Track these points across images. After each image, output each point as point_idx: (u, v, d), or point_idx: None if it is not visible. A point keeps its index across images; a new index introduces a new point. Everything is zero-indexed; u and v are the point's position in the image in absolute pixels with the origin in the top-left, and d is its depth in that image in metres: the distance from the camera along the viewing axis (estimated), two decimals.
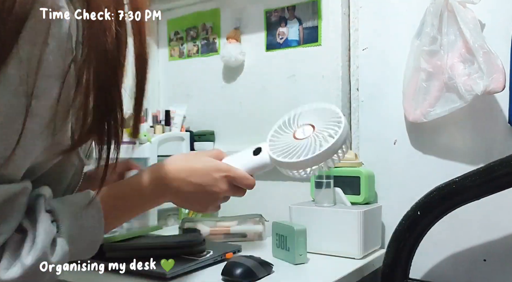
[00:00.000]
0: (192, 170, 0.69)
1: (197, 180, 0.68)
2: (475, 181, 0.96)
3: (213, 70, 1.65)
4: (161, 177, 0.67)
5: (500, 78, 1.07)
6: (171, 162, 0.69)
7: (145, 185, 0.66)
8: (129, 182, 0.67)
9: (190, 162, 0.70)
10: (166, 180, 0.67)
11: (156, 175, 0.67)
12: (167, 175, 0.67)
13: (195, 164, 0.70)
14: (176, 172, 0.68)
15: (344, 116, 0.75)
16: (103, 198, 0.59)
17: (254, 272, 0.94)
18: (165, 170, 0.68)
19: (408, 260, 1.05)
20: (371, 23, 1.34)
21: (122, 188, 0.65)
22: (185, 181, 0.67)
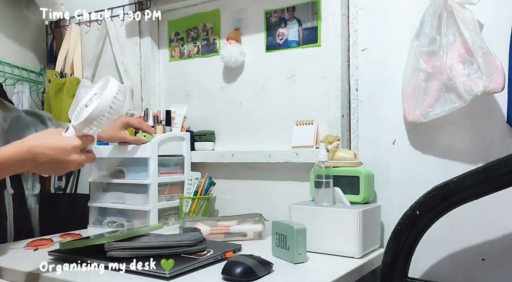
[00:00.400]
0: (48, 145, 0.89)
1: (51, 152, 0.89)
2: (474, 180, 0.97)
3: (213, 70, 1.66)
4: (25, 150, 0.88)
5: (499, 79, 1.08)
6: (32, 139, 0.91)
7: (11, 158, 0.87)
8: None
9: (47, 138, 0.91)
10: (28, 154, 0.88)
11: (21, 150, 0.88)
12: (29, 149, 0.88)
13: (50, 140, 0.90)
14: (34, 147, 0.89)
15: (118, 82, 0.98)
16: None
17: (254, 271, 0.94)
18: (27, 145, 0.89)
19: (407, 259, 1.06)
20: (370, 24, 1.35)
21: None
22: (42, 154, 0.88)
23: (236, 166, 1.57)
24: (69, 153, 0.90)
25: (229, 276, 0.94)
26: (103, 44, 1.91)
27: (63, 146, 0.90)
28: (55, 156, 0.89)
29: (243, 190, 1.57)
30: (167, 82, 1.79)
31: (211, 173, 1.56)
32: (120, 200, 1.52)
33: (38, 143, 0.89)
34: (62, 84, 1.88)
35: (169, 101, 1.77)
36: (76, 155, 0.92)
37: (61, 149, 0.89)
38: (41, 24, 2.06)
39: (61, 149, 0.89)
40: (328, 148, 1.27)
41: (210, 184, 1.50)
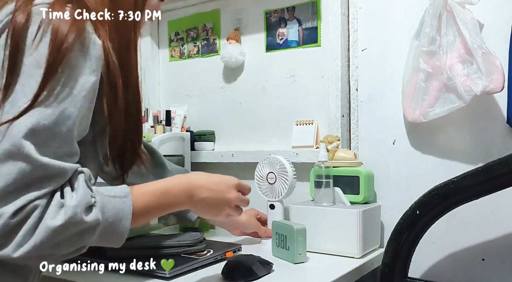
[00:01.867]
0: (210, 180, 0.84)
1: (214, 187, 0.83)
2: (474, 180, 0.97)
3: (213, 70, 1.65)
4: (187, 182, 0.81)
5: (499, 79, 1.08)
6: (195, 174, 0.87)
7: (173, 188, 0.79)
8: (160, 184, 0.79)
9: (209, 175, 0.86)
10: (191, 185, 0.81)
11: (183, 181, 0.81)
12: (191, 181, 0.82)
13: (213, 176, 0.86)
14: (198, 180, 0.82)
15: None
16: (136, 194, 0.72)
17: (254, 271, 0.94)
18: (190, 178, 0.83)
19: (407, 259, 1.06)
20: (370, 24, 1.35)
21: (153, 188, 0.77)
22: (205, 187, 0.82)
23: (236, 166, 1.57)
24: (230, 188, 0.85)
25: (229, 276, 0.94)
26: None
27: (225, 180, 0.86)
28: (216, 189, 0.83)
29: None
30: (167, 82, 1.79)
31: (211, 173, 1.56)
32: None
33: (202, 177, 0.85)
34: None
35: (169, 101, 1.77)
36: (236, 192, 0.87)
37: (223, 183, 0.85)
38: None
39: (223, 183, 0.85)
40: (328, 148, 1.27)
41: None
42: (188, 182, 0.81)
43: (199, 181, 0.82)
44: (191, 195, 0.80)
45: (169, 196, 0.77)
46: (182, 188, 0.80)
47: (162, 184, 0.78)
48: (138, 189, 0.74)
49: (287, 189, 1.25)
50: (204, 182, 0.82)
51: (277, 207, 1.27)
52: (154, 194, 0.75)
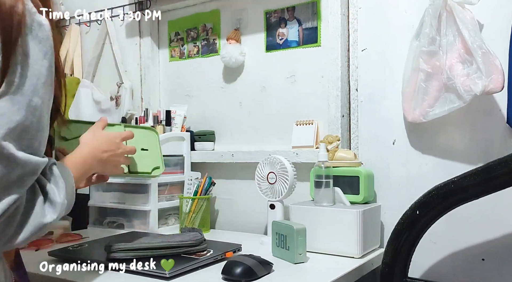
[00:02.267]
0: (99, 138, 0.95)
1: (106, 145, 0.94)
2: (473, 180, 0.97)
3: (213, 70, 1.66)
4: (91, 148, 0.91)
5: (499, 78, 1.08)
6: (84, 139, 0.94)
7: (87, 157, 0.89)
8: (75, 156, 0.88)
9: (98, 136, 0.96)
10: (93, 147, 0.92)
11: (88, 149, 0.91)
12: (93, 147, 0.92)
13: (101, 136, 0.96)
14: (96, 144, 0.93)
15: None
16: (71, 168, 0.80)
17: (254, 271, 0.94)
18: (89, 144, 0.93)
19: (407, 259, 1.06)
20: (370, 24, 1.35)
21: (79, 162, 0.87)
22: (101, 146, 0.93)
23: (236, 166, 1.57)
24: (119, 145, 0.98)
25: (229, 276, 0.94)
26: (103, 44, 1.92)
27: (112, 138, 0.97)
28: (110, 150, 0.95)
29: (243, 190, 1.57)
30: (167, 82, 1.79)
31: (211, 173, 1.56)
32: (120, 200, 1.52)
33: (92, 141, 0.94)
34: None
35: (169, 101, 1.77)
36: (123, 146, 1.00)
37: (112, 142, 0.96)
38: None
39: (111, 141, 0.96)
40: (328, 148, 1.27)
41: (210, 184, 1.50)
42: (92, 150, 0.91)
43: (95, 142, 0.93)
44: (98, 159, 0.91)
45: (87, 166, 0.88)
46: (91, 155, 0.90)
47: (79, 157, 0.87)
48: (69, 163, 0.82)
49: (288, 189, 1.25)
50: (98, 143, 0.93)
51: (277, 207, 1.28)
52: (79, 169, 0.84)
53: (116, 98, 1.78)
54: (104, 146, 0.94)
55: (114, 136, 0.99)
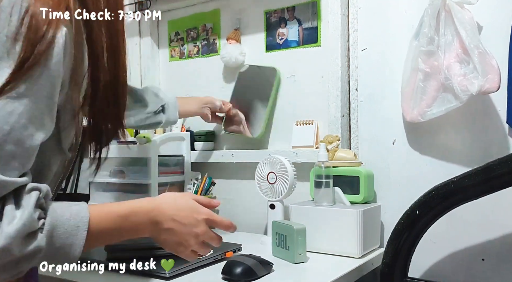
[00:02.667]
0: (178, 207, 0.74)
1: (181, 219, 0.73)
2: (473, 180, 0.97)
3: (213, 70, 1.65)
4: (152, 207, 0.72)
5: (495, 78, 1.08)
6: (162, 198, 0.75)
7: (136, 213, 0.70)
8: (122, 206, 0.70)
9: (177, 200, 0.75)
10: (156, 211, 0.71)
11: (148, 206, 0.72)
12: (157, 207, 0.72)
13: (182, 202, 0.75)
14: (164, 208, 0.72)
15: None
16: (94, 216, 0.64)
17: (254, 271, 0.95)
18: (156, 203, 0.73)
19: (407, 259, 1.06)
20: (370, 24, 1.35)
21: (113, 210, 0.69)
22: (171, 217, 0.72)
23: (236, 166, 1.57)
24: (199, 222, 0.74)
25: (229, 276, 0.94)
26: None
27: (195, 210, 0.75)
28: (183, 222, 0.73)
29: (243, 190, 1.57)
30: (167, 82, 1.79)
31: (211, 173, 1.56)
32: (120, 200, 1.51)
33: (169, 201, 0.74)
34: None
35: None
36: (205, 226, 0.75)
37: (192, 215, 0.74)
38: None
39: (192, 214, 0.74)
40: (328, 148, 1.27)
41: (210, 184, 1.50)
42: (153, 208, 0.71)
43: (166, 209, 0.72)
44: (156, 223, 0.71)
45: (130, 222, 0.68)
46: (146, 214, 0.70)
47: (125, 207, 0.69)
48: (97, 210, 0.66)
49: (287, 189, 1.25)
50: (171, 210, 0.72)
51: (277, 207, 1.28)
52: (113, 218, 0.67)
53: None
54: (176, 213, 0.72)
55: (200, 212, 0.75)
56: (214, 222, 0.77)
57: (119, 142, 1.53)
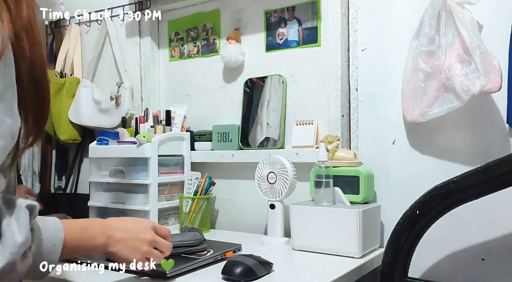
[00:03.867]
0: (126, 223, 0.85)
1: (130, 229, 0.84)
2: (473, 180, 0.97)
3: (213, 70, 1.66)
4: (104, 224, 0.82)
5: (496, 78, 1.08)
6: (111, 219, 0.86)
7: (92, 227, 0.79)
8: (79, 222, 0.79)
9: (124, 219, 0.88)
10: (107, 226, 0.81)
11: (100, 223, 0.82)
12: (108, 224, 0.82)
13: (128, 220, 0.88)
14: (114, 224, 0.83)
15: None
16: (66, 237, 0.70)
17: (254, 271, 0.94)
18: (107, 221, 0.84)
19: (407, 259, 1.06)
20: (370, 24, 1.35)
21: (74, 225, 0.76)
22: (121, 230, 0.82)
23: (236, 166, 1.57)
24: (146, 229, 0.86)
25: (229, 276, 0.94)
26: (103, 44, 1.92)
27: (140, 223, 0.87)
28: (131, 231, 0.84)
29: (243, 190, 1.57)
30: (167, 82, 1.79)
31: (211, 173, 1.56)
32: (120, 200, 1.52)
33: (117, 221, 0.85)
34: (62, 84, 1.88)
35: (169, 101, 1.77)
36: (152, 233, 0.86)
37: (138, 225, 0.86)
38: (41, 24, 2.05)
39: (138, 225, 0.86)
40: (328, 148, 1.27)
41: (210, 184, 1.50)
42: (105, 224, 0.82)
43: (115, 224, 0.83)
44: (109, 236, 0.80)
45: (87, 235, 0.76)
46: (100, 228, 0.80)
47: (81, 222, 0.79)
48: (65, 224, 0.71)
49: (288, 189, 1.25)
50: (120, 225, 0.83)
51: (278, 207, 1.28)
52: (75, 231, 0.73)
53: (116, 98, 1.78)
54: (124, 225, 0.83)
55: (145, 222, 0.87)
56: (158, 230, 0.88)
57: (119, 141, 1.53)
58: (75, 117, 1.84)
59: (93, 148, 1.59)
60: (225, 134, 1.56)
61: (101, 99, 1.82)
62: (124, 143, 1.52)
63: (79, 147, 1.96)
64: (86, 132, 1.92)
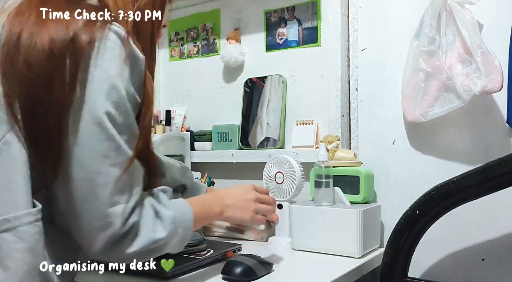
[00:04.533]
0: (231, 190, 0.99)
1: (235, 194, 0.96)
2: (473, 180, 0.96)
3: (213, 70, 1.66)
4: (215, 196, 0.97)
5: (498, 78, 1.08)
6: (218, 189, 1.07)
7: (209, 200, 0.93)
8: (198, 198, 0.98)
9: (228, 187, 1.01)
10: (218, 196, 0.95)
11: (212, 195, 1.00)
12: (218, 194, 0.98)
13: (231, 187, 1.01)
14: (222, 192, 0.98)
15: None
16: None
17: (254, 271, 0.94)
18: (216, 192, 1.03)
19: (407, 259, 1.06)
20: (370, 24, 1.35)
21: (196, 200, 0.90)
22: (229, 196, 0.95)
23: (236, 166, 1.57)
24: (248, 190, 0.98)
25: (229, 276, 0.94)
26: None
27: (241, 186, 1.01)
28: (238, 194, 0.97)
29: None
30: (167, 82, 1.79)
31: (211, 173, 1.56)
32: None
33: (223, 190, 1.00)
34: None
35: (169, 101, 1.77)
36: (254, 192, 0.99)
37: (241, 189, 0.99)
38: None
39: (241, 188, 0.99)
40: (328, 148, 1.27)
41: (209, 183, 1.50)
42: (216, 196, 0.96)
43: (223, 193, 0.97)
44: (222, 205, 0.92)
45: (207, 207, 0.89)
46: (214, 200, 0.93)
47: (200, 198, 0.98)
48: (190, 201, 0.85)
49: (295, 189, 1.24)
50: (227, 193, 0.96)
51: (285, 207, 1.27)
52: (198, 206, 0.86)
53: None
54: (230, 192, 0.96)
55: (246, 185, 1.01)
56: (258, 188, 1.00)
57: None
58: None
59: None
60: (225, 134, 1.56)
61: None
62: None
63: None
64: None
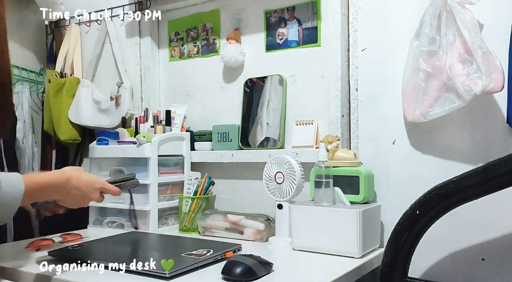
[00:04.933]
0: (81, 180, 1.00)
1: (82, 187, 0.99)
2: (473, 180, 0.96)
3: (213, 70, 1.66)
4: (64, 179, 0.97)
5: (499, 78, 1.08)
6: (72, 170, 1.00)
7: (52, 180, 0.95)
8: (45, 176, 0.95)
9: (82, 174, 1.01)
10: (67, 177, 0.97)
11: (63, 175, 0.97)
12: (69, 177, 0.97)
13: (85, 176, 1.01)
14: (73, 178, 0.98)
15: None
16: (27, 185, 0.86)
17: (254, 271, 0.94)
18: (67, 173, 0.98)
19: (407, 259, 1.06)
20: (370, 24, 1.35)
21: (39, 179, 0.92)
22: (76, 186, 0.98)
23: (236, 166, 1.57)
24: (95, 191, 1.02)
25: (229, 276, 0.94)
26: (103, 44, 1.91)
27: (93, 182, 1.02)
28: (83, 190, 1.00)
29: (243, 190, 1.57)
30: (167, 82, 1.79)
31: (211, 173, 1.56)
32: (120, 200, 1.52)
33: (76, 174, 0.99)
34: (62, 84, 1.88)
35: (169, 101, 1.77)
36: (99, 194, 1.04)
37: (90, 186, 1.02)
38: (41, 24, 2.06)
39: (90, 185, 1.02)
40: (328, 148, 1.27)
41: (209, 183, 1.50)
42: (65, 180, 0.96)
43: (73, 179, 0.97)
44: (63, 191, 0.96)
45: (43, 190, 0.92)
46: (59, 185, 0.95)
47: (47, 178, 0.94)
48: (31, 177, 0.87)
49: (295, 189, 1.25)
50: (77, 181, 0.98)
51: (285, 207, 1.27)
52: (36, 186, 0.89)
53: (116, 98, 1.78)
54: (81, 185, 0.98)
55: (96, 182, 1.03)
56: (107, 190, 1.05)
57: (119, 142, 1.53)
58: (75, 117, 1.84)
59: (93, 148, 1.59)
60: (225, 134, 1.56)
61: (101, 99, 1.82)
62: (124, 143, 1.52)
63: (79, 147, 1.96)
64: (86, 132, 1.92)
